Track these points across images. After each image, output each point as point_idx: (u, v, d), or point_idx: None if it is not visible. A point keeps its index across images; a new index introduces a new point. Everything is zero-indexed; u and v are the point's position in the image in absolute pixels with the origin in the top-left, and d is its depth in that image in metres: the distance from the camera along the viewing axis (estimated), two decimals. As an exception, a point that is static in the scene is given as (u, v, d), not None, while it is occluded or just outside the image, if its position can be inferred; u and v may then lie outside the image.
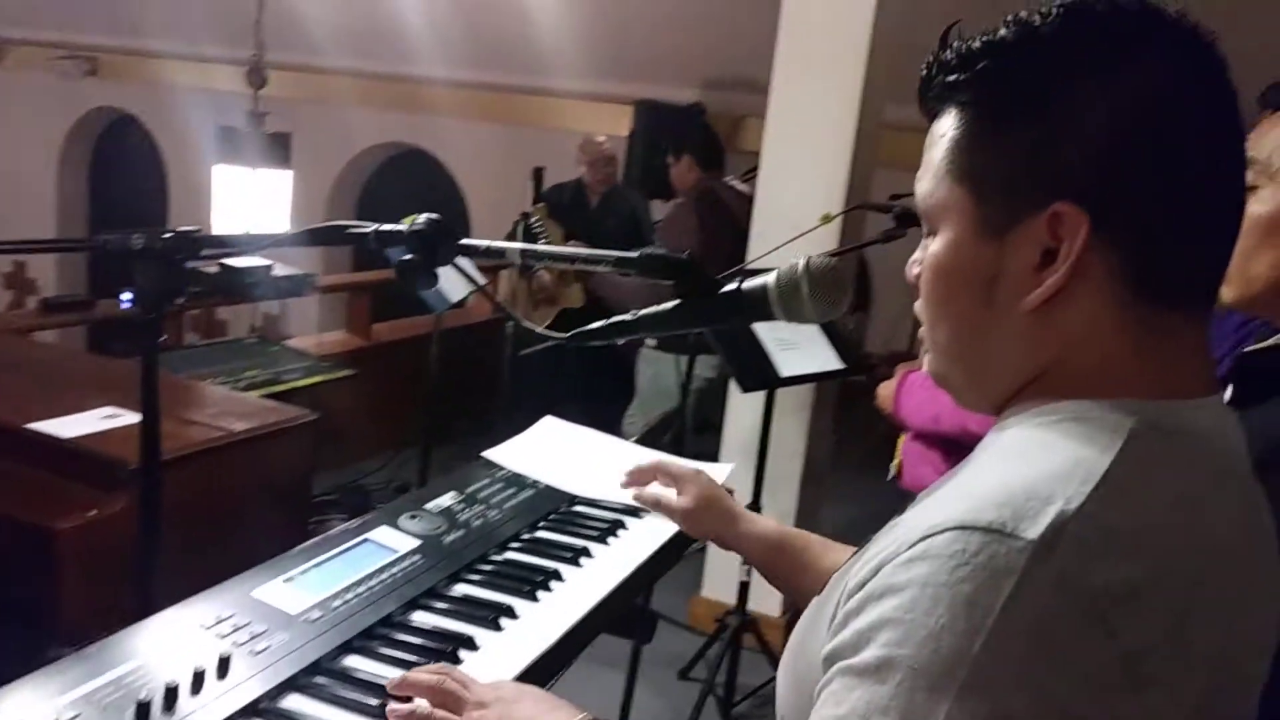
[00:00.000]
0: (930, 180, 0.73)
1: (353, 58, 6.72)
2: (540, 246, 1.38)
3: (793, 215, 2.98)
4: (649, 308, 1.06)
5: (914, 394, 2.34)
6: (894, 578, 0.61)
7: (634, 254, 1.05)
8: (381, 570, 1.23)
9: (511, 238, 4.56)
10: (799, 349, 2.71)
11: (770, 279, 0.97)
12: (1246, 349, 1.22)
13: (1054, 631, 0.57)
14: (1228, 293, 1.21)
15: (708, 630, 3.27)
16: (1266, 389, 1.11)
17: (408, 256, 1.06)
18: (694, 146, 4.27)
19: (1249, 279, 1.16)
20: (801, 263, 0.96)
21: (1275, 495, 0.97)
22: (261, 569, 1.18)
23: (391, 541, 1.30)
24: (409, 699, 0.95)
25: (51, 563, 1.74)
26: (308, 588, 1.15)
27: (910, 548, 0.61)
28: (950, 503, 0.63)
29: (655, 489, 1.35)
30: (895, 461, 2.56)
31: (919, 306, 0.77)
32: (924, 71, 0.74)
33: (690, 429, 4.29)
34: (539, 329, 1.13)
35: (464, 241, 1.08)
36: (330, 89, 6.91)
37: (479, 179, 6.82)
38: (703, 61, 5.65)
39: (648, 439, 2.64)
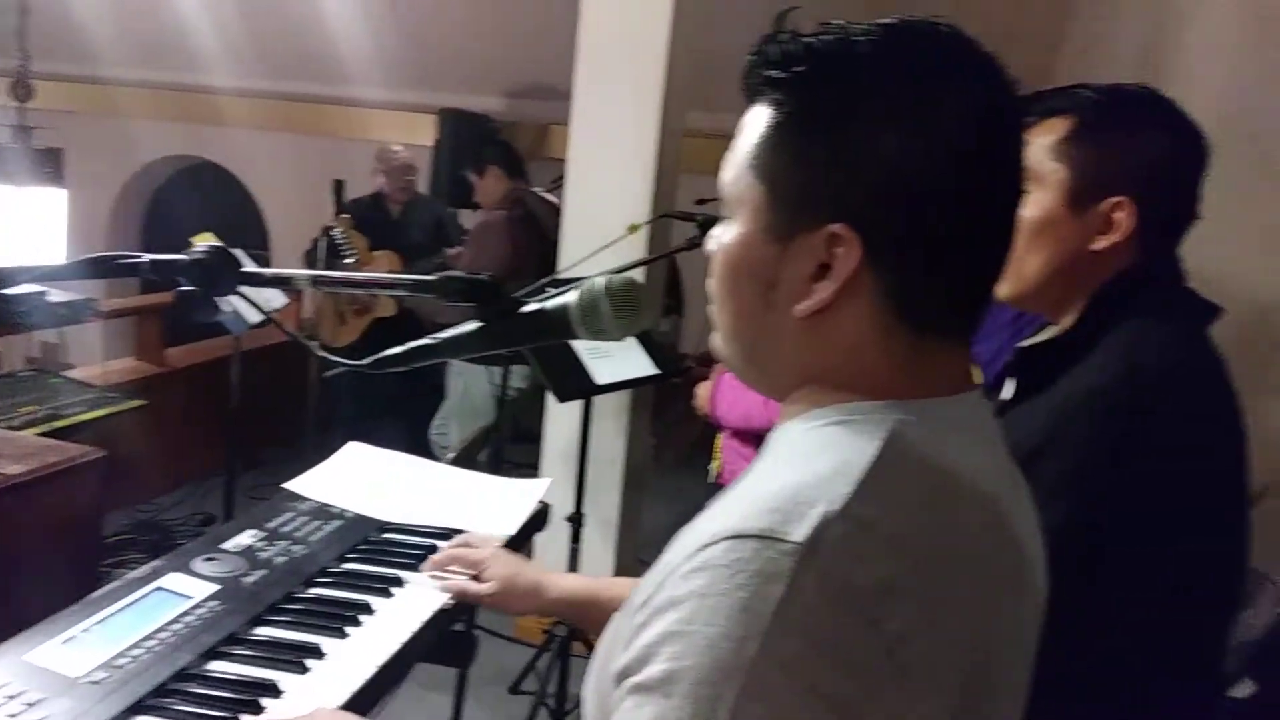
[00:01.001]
0: (734, 169, 0.74)
1: (132, 67, 6.27)
2: (332, 273, 1.32)
3: (600, 224, 2.99)
4: (450, 329, 1.03)
5: (726, 394, 2.40)
6: (676, 590, 0.62)
7: (432, 277, 1.02)
8: (175, 620, 1.16)
9: (313, 252, 4.38)
10: (613, 357, 2.73)
11: (571, 299, 0.96)
12: (1023, 343, 1.31)
13: (822, 628, 0.59)
14: (1003, 289, 1.29)
15: (536, 641, 3.25)
16: (1044, 379, 1.19)
17: (187, 288, 1.00)
18: (497, 158, 4.25)
19: (1022, 277, 1.24)
20: (601, 282, 0.96)
21: (1047, 481, 1.05)
22: (36, 630, 1.08)
23: (185, 588, 1.22)
24: None
25: None
26: (90, 647, 1.07)
27: (690, 559, 0.62)
28: (728, 512, 0.64)
29: (457, 581, 1.31)
30: (714, 461, 2.62)
31: (709, 283, 0.78)
32: (750, 58, 0.73)
33: (508, 440, 4.26)
34: (330, 356, 1.08)
35: (247, 270, 1.02)
36: (108, 100, 6.43)
37: (276, 192, 6.52)
38: (506, 69, 5.62)
39: (463, 456, 2.59)
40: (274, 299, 3.81)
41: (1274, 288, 2.68)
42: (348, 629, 1.21)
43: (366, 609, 1.25)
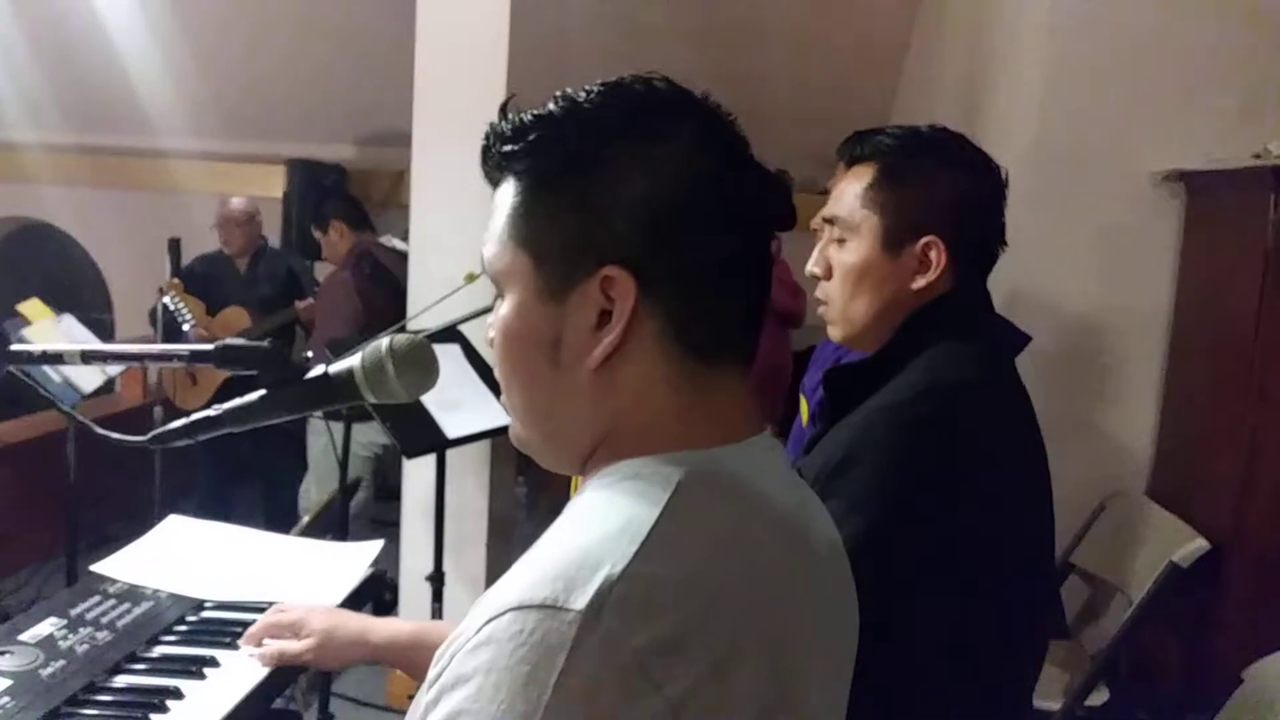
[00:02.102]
0: (494, 245, 0.76)
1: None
2: (105, 347, 1.26)
3: (446, 273, 2.96)
4: (234, 400, 0.99)
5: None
6: (463, 666, 0.61)
7: (209, 347, 0.98)
8: (-44, 725, 1.06)
9: (155, 313, 4.19)
10: (465, 408, 2.69)
11: (355, 362, 0.95)
12: (829, 367, 1.35)
13: (604, 695, 0.59)
14: (835, 332, 1.34)
15: (404, 707, 3.15)
16: (852, 399, 1.22)
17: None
18: (339, 212, 4.18)
19: (851, 320, 1.30)
20: (385, 343, 0.95)
21: (851, 488, 1.07)
22: None
23: (-29, 687, 1.13)
24: None
25: None
26: None
27: (477, 633, 0.61)
28: (515, 582, 0.63)
29: (274, 644, 1.24)
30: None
31: (496, 371, 0.79)
32: (483, 142, 0.76)
33: (373, 498, 4.14)
34: (115, 435, 1.02)
35: (14, 349, 0.96)
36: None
37: (115, 252, 6.20)
38: (354, 116, 5.52)
39: (317, 521, 2.50)
40: (109, 367, 3.63)
41: (1101, 301, 2.84)
42: (152, 716, 1.13)
43: (176, 694, 1.18)
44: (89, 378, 3.47)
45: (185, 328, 4.11)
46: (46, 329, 3.49)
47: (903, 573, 1.04)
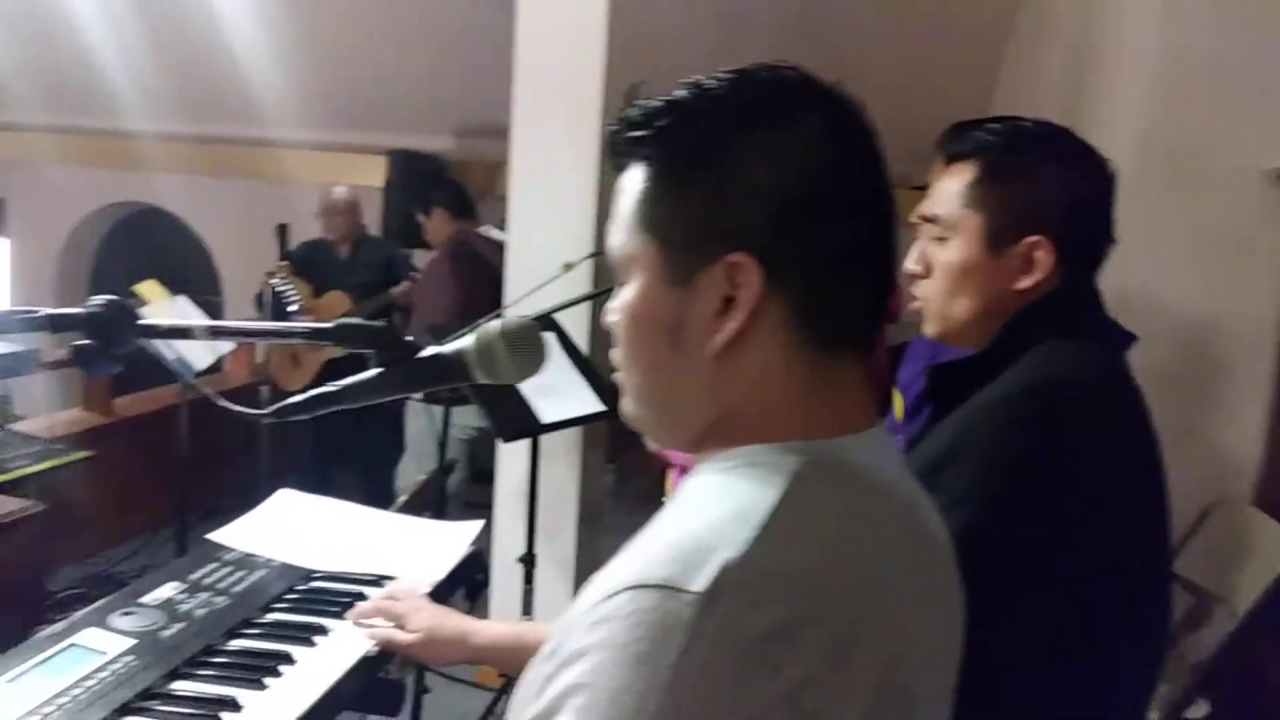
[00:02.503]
0: (620, 232, 0.77)
1: (75, 115, 6.24)
2: (230, 324, 1.32)
3: (542, 262, 3.01)
4: (352, 377, 1.04)
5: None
6: (580, 642, 0.63)
7: (329, 325, 1.02)
8: (88, 677, 1.14)
9: (261, 297, 4.37)
10: (559, 394, 2.73)
11: (468, 343, 0.98)
12: (938, 360, 1.33)
13: (721, 678, 0.59)
14: (931, 329, 1.32)
15: (494, 685, 3.22)
16: (957, 396, 1.20)
17: (83, 341, 0.99)
18: (442, 200, 4.28)
19: (949, 319, 1.28)
20: (496, 325, 0.98)
21: (954, 484, 1.06)
22: (-61, 693, 1.06)
23: (100, 644, 1.20)
24: None
25: None
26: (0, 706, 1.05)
27: (594, 609, 0.63)
28: (631, 562, 0.65)
29: (383, 631, 1.29)
30: (666, 497, 2.63)
31: (614, 352, 0.80)
32: (612, 128, 0.77)
33: (467, 479, 4.24)
34: (236, 408, 1.08)
35: (144, 323, 1.02)
36: (44, 149, 6.38)
37: (226, 238, 6.49)
38: (454, 108, 5.64)
39: (413, 502, 2.57)
40: (222, 345, 3.80)
41: (1208, 302, 2.74)
42: (267, 680, 1.19)
43: (288, 659, 1.24)
44: (201, 356, 3.63)
45: (292, 308, 4.27)
46: (162, 309, 3.66)
47: (1003, 571, 1.03)
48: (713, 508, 0.68)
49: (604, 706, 0.59)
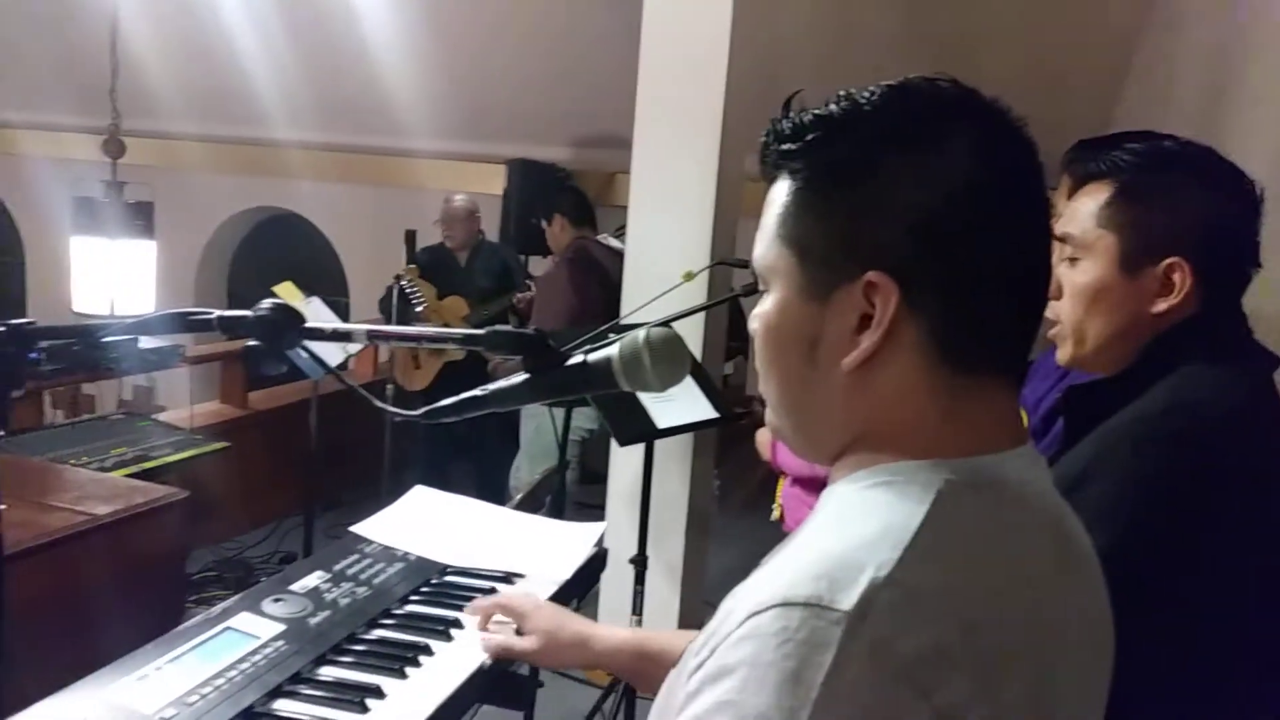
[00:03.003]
0: (764, 243, 0.77)
1: (216, 124, 6.60)
2: (387, 329, 1.37)
3: (661, 271, 3.04)
4: (500, 381, 1.08)
5: (790, 441, 2.41)
6: (725, 658, 0.63)
7: (481, 332, 1.06)
8: (243, 659, 1.20)
9: (387, 300, 4.53)
10: (674, 400, 2.76)
11: (613, 351, 1.00)
12: (1074, 382, 1.30)
13: (871, 699, 0.59)
14: (1064, 354, 1.29)
15: (603, 683, 3.27)
16: (1092, 422, 1.18)
17: (253, 343, 1.06)
18: (563, 207, 4.36)
19: (1082, 343, 1.25)
20: (642, 335, 1.00)
21: (1093, 504, 1.04)
22: (114, 668, 1.14)
23: (254, 628, 1.27)
24: None
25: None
26: (164, 683, 1.12)
27: (740, 626, 0.63)
28: (776, 577, 0.65)
29: (500, 638, 1.28)
30: (776, 505, 2.63)
31: (755, 361, 0.80)
32: (763, 139, 0.77)
33: (577, 480, 4.31)
34: (390, 409, 1.13)
35: (309, 326, 1.08)
36: (189, 156, 6.76)
37: (353, 241, 6.76)
38: (572, 119, 5.75)
39: (528, 500, 2.64)
40: (351, 344, 3.95)
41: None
42: (408, 670, 1.24)
43: (426, 650, 1.29)
44: (332, 355, 3.78)
45: (419, 309, 4.42)
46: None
47: (1139, 595, 1.01)
48: (858, 524, 0.67)
49: None
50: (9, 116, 7.20)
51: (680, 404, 2.77)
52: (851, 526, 0.67)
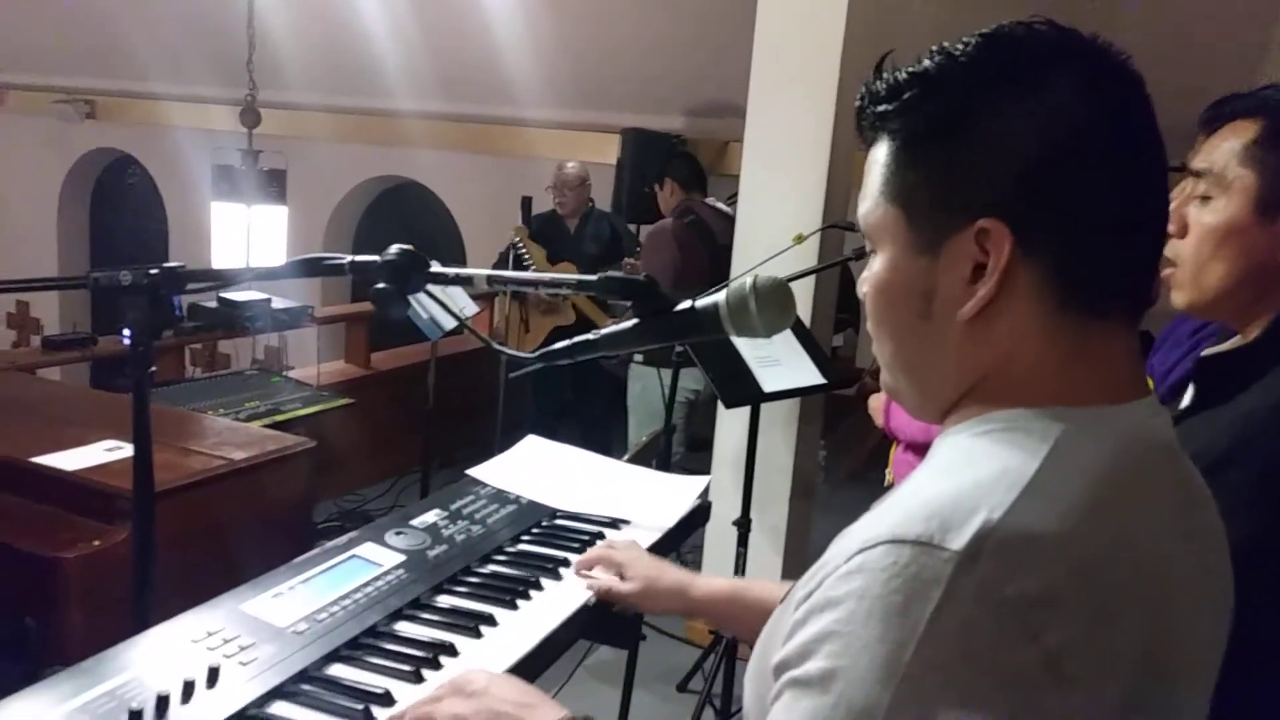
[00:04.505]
0: (869, 202, 0.77)
1: (344, 95, 6.85)
2: (505, 272, 1.43)
3: (771, 234, 3.04)
4: (614, 326, 1.12)
5: (904, 405, 2.39)
6: (834, 591, 0.64)
7: (593, 277, 1.11)
8: (367, 584, 1.28)
9: (501, 264, 4.65)
10: (781, 365, 2.77)
11: (721, 297, 1.03)
12: (1205, 351, 1.26)
13: (978, 637, 0.60)
14: (1180, 298, 1.23)
15: (704, 642, 3.32)
16: (1227, 389, 1.14)
17: (380, 285, 1.13)
18: (675, 172, 4.40)
19: (1202, 287, 1.19)
20: (750, 281, 1.02)
21: (1233, 491, 1.01)
22: (251, 585, 1.23)
23: (377, 557, 1.36)
24: None
25: (57, 593, 1.79)
26: (295, 601, 1.20)
27: (849, 560, 0.64)
28: (886, 516, 0.65)
29: (604, 580, 1.33)
30: (888, 471, 2.61)
31: (868, 324, 0.80)
32: (858, 103, 0.77)
33: (685, 447, 4.36)
34: (509, 351, 1.19)
35: (433, 270, 1.14)
36: (319, 126, 7.04)
37: (471, 209, 6.94)
38: (686, 89, 5.76)
39: (635, 461, 2.69)
40: (468, 307, 4.08)
41: None
42: (519, 602, 1.31)
43: (536, 585, 1.35)
44: (450, 317, 3.90)
45: (529, 271, 4.54)
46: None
47: (1271, 588, 0.98)
48: (972, 469, 0.67)
49: (857, 654, 0.61)
50: (156, 88, 7.61)
51: (787, 368, 2.77)
52: (965, 470, 0.67)
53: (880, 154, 0.75)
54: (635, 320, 1.08)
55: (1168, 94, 0.72)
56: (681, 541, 1.60)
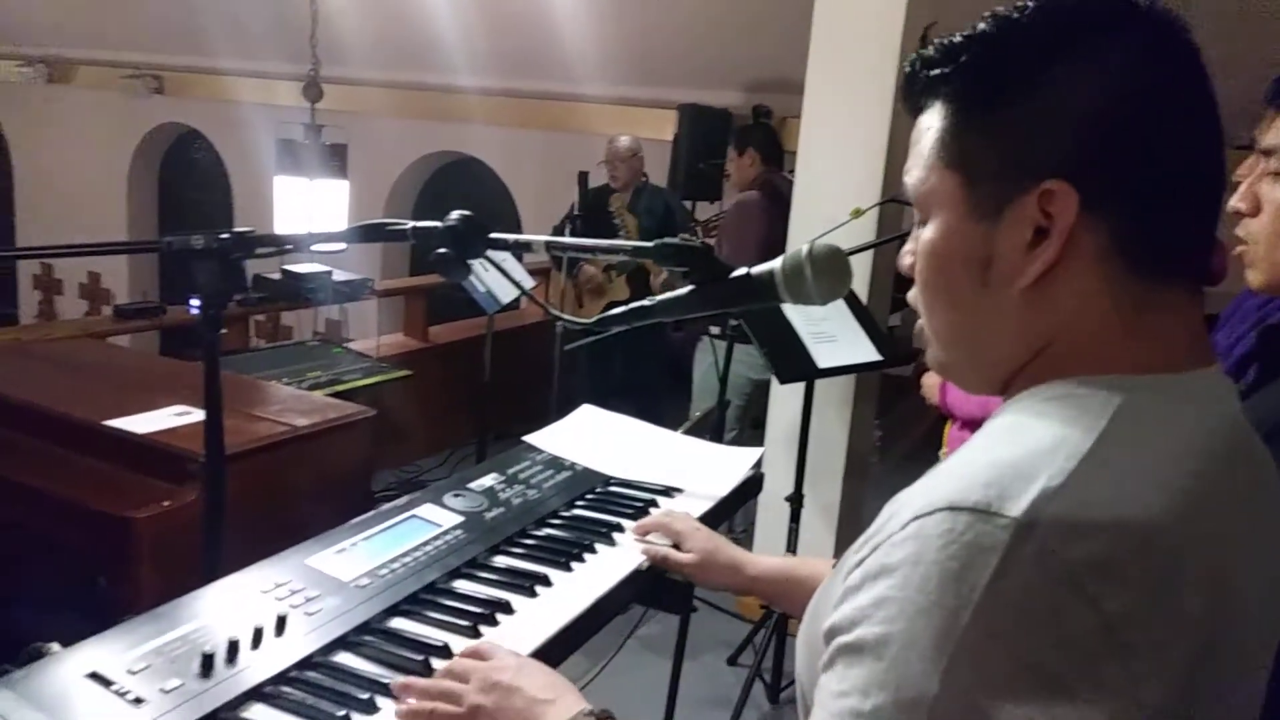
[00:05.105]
0: (920, 170, 0.76)
1: (397, 71, 6.92)
2: (562, 239, 1.44)
3: (827, 211, 3.03)
4: (669, 293, 1.13)
5: (959, 382, 2.38)
6: (888, 557, 0.63)
7: (649, 244, 1.12)
8: (426, 543, 1.32)
9: (557, 235, 4.68)
10: (836, 341, 2.76)
11: (777, 264, 1.04)
12: (1271, 320, 1.24)
13: (1037, 604, 0.59)
14: (1255, 277, 1.21)
15: (755, 617, 3.34)
16: None
17: (441, 250, 1.15)
18: (757, 141, 4.38)
19: (1275, 264, 1.17)
20: (806, 248, 1.03)
21: None
22: (316, 541, 1.27)
23: (436, 517, 1.39)
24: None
25: (129, 550, 1.86)
26: (358, 557, 1.24)
27: (904, 527, 0.64)
28: (942, 483, 0.65)
29: (662, 548, 1.35)
30: (944, 449, 2.60)
31: (913, 295, 0.79)
32: (907, 69, 0.77)
33: (752, 427, 4.35)
34: (567, 317, 1.21)
35: (493, 235, 1.16)
36: (379, 102, 7.13)
37: (527, 184, 6.99)
38: (745, 64, 5.72)
39: (691, 433, 2.71)
40: (525, 281, 4.12)
41: None
42: (573, 564, 1.33)
43: (590, 548, 1.37)
44: (507, 291, 3.95)
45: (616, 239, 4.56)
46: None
47: None
48: (1031, 437, 0.66)
49: (911, 619, 0.61)
50: (223, 64, 7.76)
51: (842, 344, 2.76)
52: (1024, 439, 0.66)
53: (933, 120, 0.74)
54: (690, 287, 1.09)
55: (1234, 68, 0.71)
56: (733, 512, 1.61)
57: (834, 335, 2.74)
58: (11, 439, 2.08)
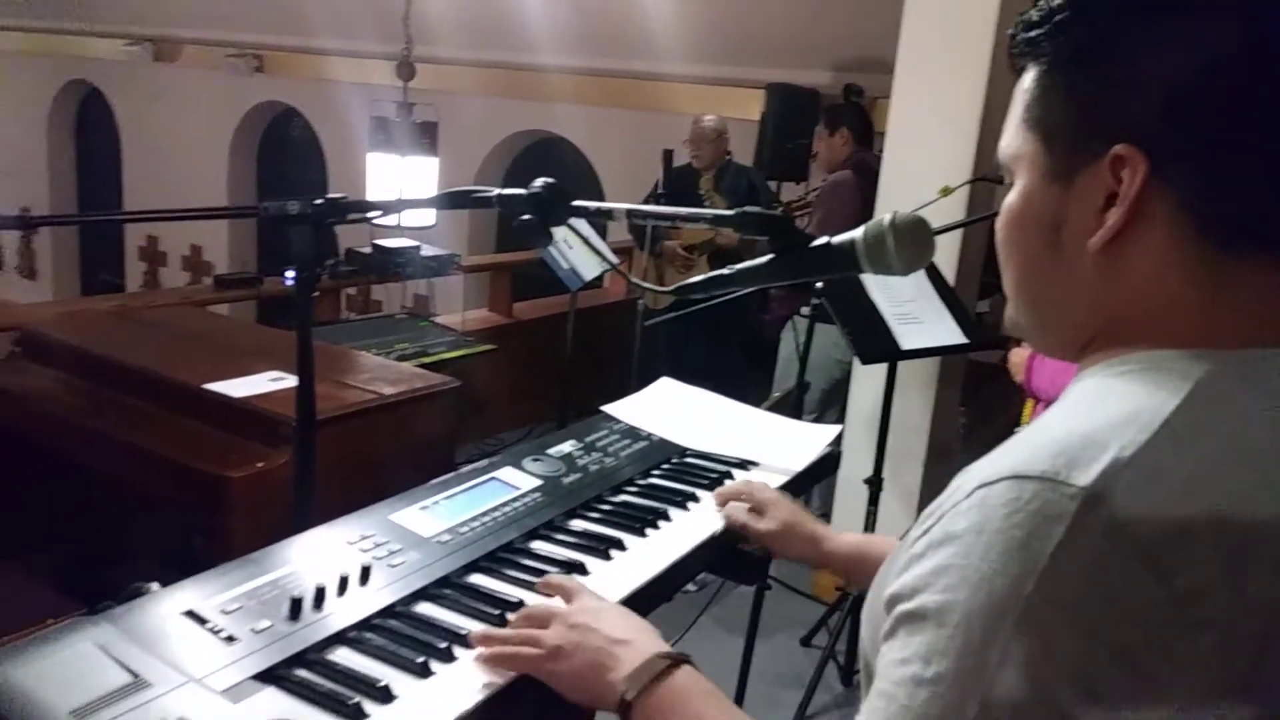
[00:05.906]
0: (1010, 132, 0.76)
1: (486, 51, 7.00)
2: (644, 206, 1.45)
3: (915, 190, 2.97)
4: (749, 262, 1.13)
5: (1047, 365, 2.33)
6: (952, 525, 0.63)
7: (731, 212, 1.12)
8: (505, 504, 1.35)
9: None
10: (921, 323, 2.72)
11: (858, 233, 1.03)
12: None
13: (1105, 575, 0.58)
14: None
15: (829, 599, 3.33)
16: None
17: (525, 216, 1.17)
18: (850, 121, 4.34)
19: None
20: (888, 217, 1.02)
21: None
22: (399, 498, 1.31)
23: (515, 480, 1.42)
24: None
25: (223, 508, 1.94)
26: (439, 515, 1.28)
27: (969, 496, 0.63)
28: (1011, 453, 0.64)
29: (741, 515, 1.35)
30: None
31: (1000, 255, 0.79)
32: (1010, 31, 0.76)
33: (830, 418, 4.32)
34: (647, 285, 1.22)
35: (576, 203, 1.18)
36: (468, 81, 7.22)
37: (612, 163, 7.02)
38: (833, 44, 5.64)
39: (772, 410, 2.71)
40: (608, 255, 4.15)
41: None
42: (647, 530, 1.35)
43: (665, 516, 1.39)
44: (590, 268, 3.99)
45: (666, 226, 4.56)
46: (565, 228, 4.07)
47: None
48: (1104, 408, 0.66)
49: (975, 587, 0.60)
50: (320, 44, 7.96)
51: (927, 326, 2.72)
52: (1097, 409, 0.66)
53: (1027, 83, 0.74)
54: (771, 256, 1.09)
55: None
56: (809, 488, 1.61)
57: (919, 317, 2.70)
58: (116, 399, 2.18)
